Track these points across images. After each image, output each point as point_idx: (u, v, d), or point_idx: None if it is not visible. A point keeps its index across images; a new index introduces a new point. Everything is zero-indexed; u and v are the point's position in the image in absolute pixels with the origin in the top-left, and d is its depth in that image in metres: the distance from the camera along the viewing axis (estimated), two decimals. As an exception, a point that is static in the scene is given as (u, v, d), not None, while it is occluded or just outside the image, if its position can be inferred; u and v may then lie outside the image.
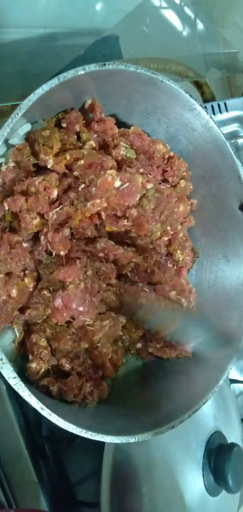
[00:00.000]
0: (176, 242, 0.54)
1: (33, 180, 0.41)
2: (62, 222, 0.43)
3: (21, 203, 0.40)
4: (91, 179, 0.42)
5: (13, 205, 0.40)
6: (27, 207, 0.40)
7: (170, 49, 0.79)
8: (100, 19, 0.68)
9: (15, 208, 0.41)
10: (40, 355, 0.44)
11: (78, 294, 0.43)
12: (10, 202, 0.40)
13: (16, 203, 0.40)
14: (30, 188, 0.41)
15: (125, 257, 0.48)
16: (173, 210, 0.51)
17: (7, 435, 0.49)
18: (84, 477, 0.56)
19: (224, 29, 0.88)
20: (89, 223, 0.43)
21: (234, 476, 0.52)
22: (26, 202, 0.40)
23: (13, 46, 0.60)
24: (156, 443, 0.50)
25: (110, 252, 0.47)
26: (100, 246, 0.47)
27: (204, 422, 0.56)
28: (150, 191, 0.47)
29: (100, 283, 0.46)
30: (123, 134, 0.50)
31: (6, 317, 0.42)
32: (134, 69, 0.45)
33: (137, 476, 0.49)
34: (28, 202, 0.40)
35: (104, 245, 0.47)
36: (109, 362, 0.48)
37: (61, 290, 0.43)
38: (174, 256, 0.54)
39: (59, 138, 0.45)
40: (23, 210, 0.41)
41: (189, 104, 0.49)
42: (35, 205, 0.40)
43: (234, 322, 0.52)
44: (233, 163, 0.51)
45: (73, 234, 0.45)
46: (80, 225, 0.43)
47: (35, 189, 0.41)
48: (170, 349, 0.50)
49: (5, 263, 0.41)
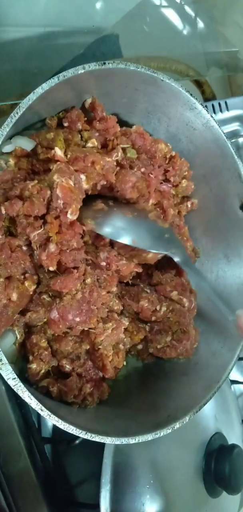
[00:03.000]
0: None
1: (26, 184, 0.41)
2: (46, 239, 0.42)
3: (18, 207, 0.40)
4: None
5: (10, 210, 0.40)
6: (23, 211, 0.40)
7: (170, 48, 0.78)
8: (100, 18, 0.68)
9: (12, 212, 0.40)
10: (40, 356, 0.43)
11: (75, 305, 0.43)
12: (8, 207, 0.40)
13: (13, 207, 0.40)
14: (23, 193, 0.40)
15: (127, 268, 0.47)
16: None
17: (7, 436, 0.48)
18: (83, 478, 0.55)
19: (225, 28, 0.88)
20: (72, 234, 0.42)
21: (235, 478, 0.52)
22: (23, 206, 0.40)
23: (13, 45, 0.60)
24: (156, 444, 0.50)
25: (112, 263, 0.46)
26: (103, 256, 0.46)
27: (205, 423, 0.56)
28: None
29: (99, 291, 0.45)
30: (125, 133, 0.50)
31: (7, 320, 0.42)
32: (134, 68, 0.44)
33: (137, 478, 0.48)
34: (24, 206, 0.40)
35: (107, 255, 0.46)
36: (110, 364, 0.48)
37: (58, 299, 0.43)
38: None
39: (63, 139, 0.44)
40: (20, 215, 0.40)
41: (190, 103, 0.49)
42: (32, 209, 0.40)
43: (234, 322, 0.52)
44: (234, 163, 0.51)
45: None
46: (63, 239, 0.41)
47: (28, 193, 0.40)
48: (170, 350, 0.50)
49: (6, 267, 0.41)
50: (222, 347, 0.51)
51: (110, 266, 0.47)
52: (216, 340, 0.52)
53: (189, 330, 0.50)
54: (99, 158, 0.43)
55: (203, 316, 0.56)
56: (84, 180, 0.43)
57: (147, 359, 0.54)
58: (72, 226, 0.42)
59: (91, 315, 0.44)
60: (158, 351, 0.51)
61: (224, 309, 0.47)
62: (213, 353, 0.51)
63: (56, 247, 0.41)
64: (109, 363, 0.46)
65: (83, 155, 0.43)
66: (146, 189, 0.50)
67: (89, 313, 0.44)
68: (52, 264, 0.41)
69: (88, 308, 0.44)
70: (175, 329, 0.51)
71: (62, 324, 0.43)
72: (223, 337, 0.52)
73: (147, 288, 0.51)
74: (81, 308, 0.43)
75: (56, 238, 0.41)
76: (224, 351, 0.50)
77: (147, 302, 0.49)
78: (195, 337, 0.51)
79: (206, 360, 0.51)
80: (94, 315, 0.44)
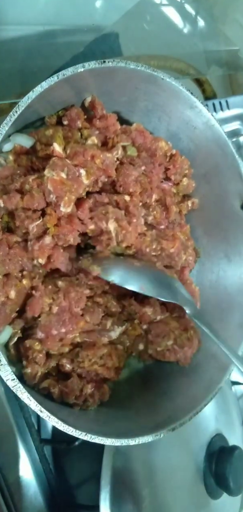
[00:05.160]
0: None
1: (26, 178, 0.41)
2: (44, 231, 0.42)
3: (16, 200, 0.40)
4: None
5: (9, 203, 0.40)
6: (22, 205, 0.40)
7: (170, 47, 0.78)
8: (100, 16, 0.67)
9: (11, 205, 0.40)
10: (35, 359, 0.43)
11: (54, 320, 0.42)
12: (6, 200, 0.40)
13: (12, 200, 0.40)
14: (24, 186, 0.41)
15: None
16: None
17: (6, 438, 0.48)
18: (83, 480, 0.55)
19: (225, 27, 0.87)
20: (70, 229, 0.42)
21: (236, 479, 0.52)
22: (22, 200, 0.40)
23: (12, 43, 0.59)
24: (156, 446, 0.50)
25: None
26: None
27: (205, 425, 0.55)
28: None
29: (77, 288, 0.44)
30: (125, 131, 0.49)
31: (5, 318, 0.41)
32: (134, 66, 0.44)
33: (137, 479, 0.48)
34: (23, 200, 0.40)
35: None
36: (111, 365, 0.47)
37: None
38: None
39: (62, 136, 0.44)
40: (18, 208, 0.40)
41: (190, 102, 0.49)
42: (31, 202, 0.40)
43: (235, 323, 0.52)
44: (235, 162, 0.51)
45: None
46: (60, 232, 0.41)
47: (29, 187, 0.40)
48: (170, 353, 0.50)
49: (4, 264, 0.40)
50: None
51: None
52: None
53: (193, 337, 0.50)
54: (98, 152, 0.43)
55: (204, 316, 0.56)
56: (84, 175, 0.42)
57: (148, 360, 0.53)
58: (70, 221, 0.42)
59: (76, 320, 0.43)
60: (157, 353, 0.51)
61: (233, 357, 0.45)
62: (213, 354, 0.50)
63: (52, 240, 0.41)
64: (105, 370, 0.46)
65: (82, 149, 0.42)
66: (148, 185, 0.49)
67: (74, 319, 0.43)
68: (43, 256, 0.41)
69: (71, 315, 0.43)
70: (178, 334, 0.50)
71: (50, 341, 0.43)
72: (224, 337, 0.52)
73: None
74: (62, 319, 0.43)
75: (53, 230, 0.41)
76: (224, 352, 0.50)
77: (151, 311, 0.49)
78: (197, 346, 0.51)
79: (207, 361, 0.51)
80: (80, 319, 0.44)
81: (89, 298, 0.45)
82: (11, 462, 0.48)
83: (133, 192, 0.47)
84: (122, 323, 0.49)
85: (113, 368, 0.48)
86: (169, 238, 0.51)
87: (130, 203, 0.46)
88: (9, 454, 0.48)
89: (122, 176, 0.46)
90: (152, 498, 0.48)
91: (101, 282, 0.45)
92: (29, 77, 0.60)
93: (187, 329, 0.51)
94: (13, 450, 0.49)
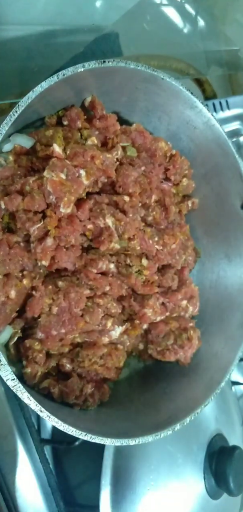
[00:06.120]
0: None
1: (27, 179, 0.41)
2: (45, 233, 0.42)
3: (18, 202, 0.40)
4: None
5: (10, 205, 0.40)
6: (23, 206, 0.40)
7: (170, 47, 0.78)
8: (100, 16, 0.67)
9: (12, 207, 0.40)
10: (35, 359, 0.43)
11: (54, 320, 0.43)
12: (7, 202, 0.40)
13: (13, 202, 0.40)
14: (24, 188, 0.41)
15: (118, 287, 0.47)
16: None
17: (6, 438, 0.48)
18: (83, 480, 0.55)
19: (226, 26, 0.87)
20: (71, 230, 0.42)
21: (236, 479, 0.51)
22: (23, 202, 0.40)
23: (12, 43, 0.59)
24: (156, 446, 0.50)
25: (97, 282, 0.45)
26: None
27: (205, 425, 0.55)
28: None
29: (77, 289, 0.44)
30: (125, 131, 0.49)
31: (5, 318, 0.41)
32: (134, 66, 0.44)
33: (137, 479, 0.48)
34: (24, 201, 0.40)
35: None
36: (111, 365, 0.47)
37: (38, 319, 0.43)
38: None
39: (62, 136, 0.44)
40: (20, 210, 0.40)
41: (190, 102, 0.49)
42: (32, 204, 0.40)
43: (235, 323, 0.52)
44: (235, 162, 0.51)
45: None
46: (61, 233, 0.41)
47: (29, 188, 0.40)
48: (170, 353, 0.50)
49: (4, 264, 0.41)
50: (223, 348, 0.51)
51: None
52: (217, 341, 0.52)
53: (193, 337, 0.50)
54: (98, 153, 0.43)
55: (204, 317, 0.56)
56: (83, 175, 0.43)
57: (148, 360, 0.53)
58: (71, 222, 0.42)
59: (76, 321, 0.43)
60: (157, 353, 0.51)
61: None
62: (214, 354, 0.50)
63: (54, 242, 0.41)
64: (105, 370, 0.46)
65: (82, 150, 0.42)
66: (148, 185, 0.49)
67: (73, 319, 0.43)
68: (46, 258, 0.41)
69: (70, 316, 0.43)
70: (178, 333, 0.50)
71: (50, 341, 0.43)
72: (224, 338, 0.52)
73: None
74: (62, 320, 0.43)
75: (54, 232, 0.41)
76: (225, 352, 0.50)
77: (151, 312, 0.48)
78: (197, 346, 0.51)
79: (207, 361, 0.51)
80: (79, 320, 0.44)
81: (89, 298, 0.45)
82: (11, 462, 0.48)
83: (132, 192, 0.47)
84: (122, 323, 0.49)
85: (113, 368, 0.48)
86: (170, 236, 0.51)
87: (128, 204, 0.46)
88: (9, 454, 0.48)
89: (121, 177, 0.46)
90: (152, 498, 0.48)
91: (101, 283, 0.45)
92: (29, 77, 0.60)
93: (187, 329, 0.51)
94: (13, 450, 0.48)
